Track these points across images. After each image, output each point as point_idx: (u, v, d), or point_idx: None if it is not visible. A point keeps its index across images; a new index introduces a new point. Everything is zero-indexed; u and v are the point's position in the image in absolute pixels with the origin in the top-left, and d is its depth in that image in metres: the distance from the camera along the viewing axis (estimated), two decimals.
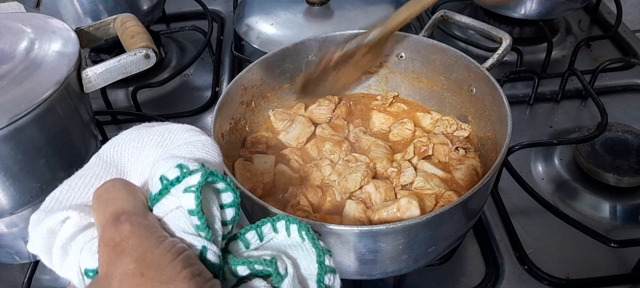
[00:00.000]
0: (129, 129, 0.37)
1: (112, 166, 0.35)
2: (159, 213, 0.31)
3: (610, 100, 0.91)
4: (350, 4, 0.98)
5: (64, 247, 0.31)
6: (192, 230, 0.30)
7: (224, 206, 0.33)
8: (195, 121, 0.96)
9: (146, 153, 0.36)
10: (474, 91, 0.68)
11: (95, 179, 0.34)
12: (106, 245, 0.29)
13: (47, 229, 0.31)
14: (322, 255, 0.33)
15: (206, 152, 0.35)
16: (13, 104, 0.56)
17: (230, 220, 0.33)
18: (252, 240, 0.33)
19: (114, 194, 0.31)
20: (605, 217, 0.75)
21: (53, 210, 0.32)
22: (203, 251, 0.30)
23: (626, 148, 0.79)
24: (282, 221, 0.34)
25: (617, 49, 1.07)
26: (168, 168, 0.31)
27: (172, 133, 0.36)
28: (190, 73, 1.09)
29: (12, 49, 0.62)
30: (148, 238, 0.29)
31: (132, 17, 0.74)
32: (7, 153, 0.57)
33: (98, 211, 0.31)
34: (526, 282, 0.67)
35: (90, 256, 0.31)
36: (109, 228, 0.29)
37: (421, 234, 0.51)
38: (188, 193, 0.30)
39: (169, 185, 0.31)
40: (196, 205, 0.30)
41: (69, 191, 0.33)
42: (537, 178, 0.81)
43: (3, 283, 0.74)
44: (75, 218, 0.31)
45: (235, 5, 1.18)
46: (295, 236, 0.33)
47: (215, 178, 0.31)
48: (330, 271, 0.33)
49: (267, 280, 0.31)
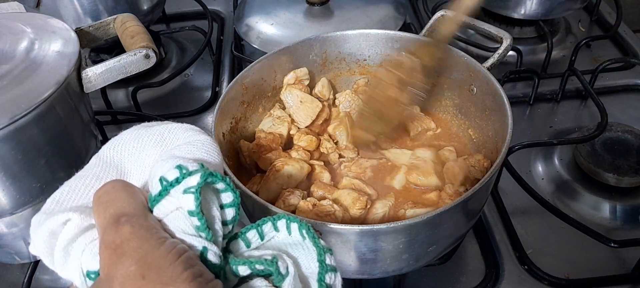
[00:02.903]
0: (129, 129, 0.37)
1: (112, 167, 0.35)
2: (159, 215, 0.31)
3: (610, 100, 0.91)
4: (350, 4, 0.98)
5: (65, 249, 0.31)
6: (192, 231, 0.30)
7: (224, 206, 0.33)
8: (196, 121, 0.96)
9: (146, 153, 0.36)
10: (474, 91, 0.68)
11: (95, 180, 0.34)
12: (107, 247, 0.29)
13: (48, 231, 0.31)
14: (322, 254, 0.33)
15: (206, 151, 0.35)
16: (13, 104, 0.56)
17: (231, 219, 0.33)
18: (253, 239, 0.33)
19: (114, 196, 0.31)
20: (605, 217, 0.75)
21: (54, 212, 0.32)
22: (204, 252, 0.30)
23: (626, 148, 0.79)
24: (283, 220, 0.34)
25: (617, 48, 1.07)
26: (167, 169, 0.31)
27: (171, 133, 0.36)
28: (190, 73, 1.09)
29: (12, 49, 0.62)
30: (148, 240, 0.29)
31: (132, 17, 0.74)
32: (7, 153, 0.57)
33: (98, 213, 0.31)
34: (526, 282, 0.67)
35: (92, 258, 0.31)
36: (109, 230, 0.29)
37: (422, 233, 0.51)
38: (188, 195, 0.30)
39: (169, 187, 0.31)
40: (196, 206, 0.30)
41: (69, 193, 0.33)
42: (537, 178, 0.81)
43: (3, 283, 0.74)
44: (76, 220, 0.31)
45: (235, 5, 1.19)
46: (296, 235, 0.33)
47: (214, 178, 0.31)
48: (331, 269, 0.32)
49: (268, 279, 0.31)
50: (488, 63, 0.67)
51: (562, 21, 1.13)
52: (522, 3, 0.99)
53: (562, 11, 1.01)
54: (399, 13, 0.99)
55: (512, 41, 0.68)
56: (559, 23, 1.12)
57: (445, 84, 0.73)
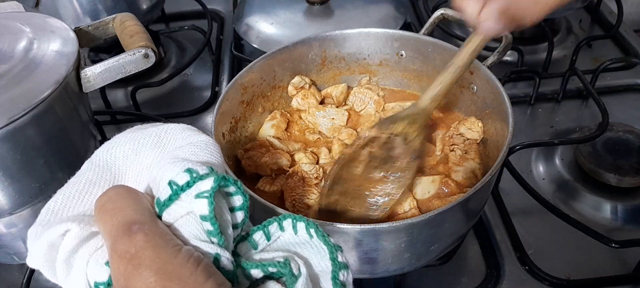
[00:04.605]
0: (122, 132, 0.35)
1: (106, 171, 0.34)
2: (169, 220, 0.30)
3: (611, 100, 0.91)
4: (350, 4, 0.98)
5: (67, 261, 0.30)
6: (204, 236, 0.29)
7: (234, 209, 0.32)
8: (195, 121, 0.96)
9: (143, 155, 0.35)
10: (475, 89, 0.68)
11: (90, 186, 0.33)
12: (121, 257, 0.27)
13: (47, 243, 0.30)
14: (334, 252, 0.32)
15: (209, 153, 0.34)
16: (12, 104, 0.55)
17: (240, 223, 0.32)
18: (260, 241, 0.33)
19: (119, 203, 0.30)
20: (606, 218, 0.74)
21: (50, 222, 0.31)
22: (217, 258, 0.29)
23: (627, 148, 0.79)
24: (288, 219, 0.33)
25: (618, 48, 1.06)
26: (176, 172, 0.30)
27: (168, 133, 0.35)
28: (190, 73, 1.08)
29: (11, 49, 0.62)
30: (164, 248, 0.27)
31: (131, 16, 0.73)
32: (6, 153, 0.57)
33: (104, 221, 0.29)
34: (527, 283, 0.67)
35: (98, 268, 0.30)
36: (121, 239, 0.28)
37: (423, 232, 0.51)
38: (201, 199, 0.29)
39: (179, 191, 0.30)
40: (210, 210, 0.29)
41: (64, 201, 0.32)
42: (538, 179, 0.81)
43: (2, 283, 0.74)
44: (75, 230, 0.30)
45: (234, 5, 1.18)
46: (303, 234, 0.33)
47: (227, 182, 0.30)
48: (344, 267, 0.32)
49: (279, 281, 0.31)
50: (488, 61, 0.67)
51: (563, 21, 1.13)
52: None
53: (563, 11, 1.01)
54: (399, 12, 0.99)
55: (512, 39, 0.68)
56: (560, 23, 1.12)
57: None
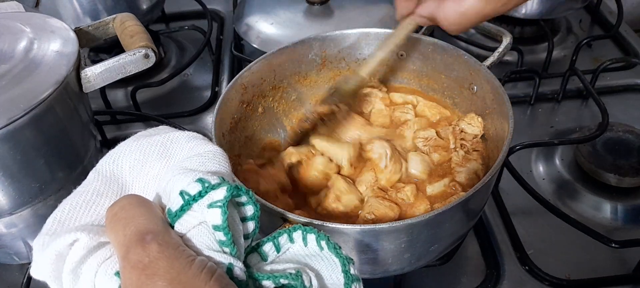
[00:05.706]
0: (127, 141, 0.35)
1: (113, 182, 0.34)
2: (181, 230, 0.30)
3: (611, 100, 0.91)
4: (350, 4, 0.98)
5: (74, 271, 0.30)
6: (216, 246, 0.29)
7: (245, 219, 0.32)
8: (195, 121, 0.96)
9: (149, 165, 0.34)
10: (475, 89, 0.68)
11: (97, 196, 0.33)
12: (134, 267, 0.27)
13: (55, 253, 0.30)
14: (346, 264, 0.32)
15: (218, 163, 0.34)
16: (12, 104, 0.55)
17: (251, 233, 0.32)
18: (270, 252, 0.33)
19: (132, 212, 0.30)
20: (606, 218, 0.74)
21: (57, 232, 0.31)
22: (230, 268, 0.29)
23: (627, 148, 0.79)
24: (298, 231, 0.33)
25: (618, 48, 1.06)
26: (188, 182, 0.30)
27: (174, 143, 0.35)
28: (190, 73, 1.08)
29: (11, 49, 0.62)
30: (178, 258, 0.27)
31: (131, 16, 0.73)
32: (6, 153, 0.57)
33: (117, 231, 0.29)
34: (527, 283, 0.67)
35: (108, 279, 0.30)
36: (134, 249, 0.28)
37: (423, 233, 0.51)
38: (214, 209, 0.29)
39: (191, 201, 0.30)
40: (223, 220, 0.29)
41: (71, 211, 0.32)
42: (538, 179, 0.81)
43: (2, 283, 0.74)
44: (84, 240, 0.30)
45: (234, 5, 1.18)
46: (313, 246, 0.33)
47: (239, 191, 0.31)
48: (356, 279, 0.32)
49: None
50: (488, 61, 0.67)
51: (563, 21, 1.13)
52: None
53: (563, 11, 1.01)
54: None
55: (512, 39, 0.68)
56: (560, 23, 1.12)
57: (445, 83, 0.72)
